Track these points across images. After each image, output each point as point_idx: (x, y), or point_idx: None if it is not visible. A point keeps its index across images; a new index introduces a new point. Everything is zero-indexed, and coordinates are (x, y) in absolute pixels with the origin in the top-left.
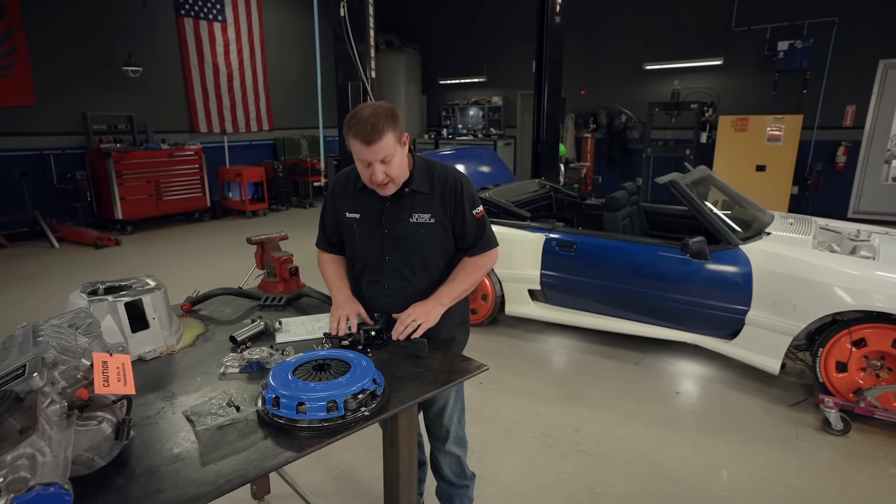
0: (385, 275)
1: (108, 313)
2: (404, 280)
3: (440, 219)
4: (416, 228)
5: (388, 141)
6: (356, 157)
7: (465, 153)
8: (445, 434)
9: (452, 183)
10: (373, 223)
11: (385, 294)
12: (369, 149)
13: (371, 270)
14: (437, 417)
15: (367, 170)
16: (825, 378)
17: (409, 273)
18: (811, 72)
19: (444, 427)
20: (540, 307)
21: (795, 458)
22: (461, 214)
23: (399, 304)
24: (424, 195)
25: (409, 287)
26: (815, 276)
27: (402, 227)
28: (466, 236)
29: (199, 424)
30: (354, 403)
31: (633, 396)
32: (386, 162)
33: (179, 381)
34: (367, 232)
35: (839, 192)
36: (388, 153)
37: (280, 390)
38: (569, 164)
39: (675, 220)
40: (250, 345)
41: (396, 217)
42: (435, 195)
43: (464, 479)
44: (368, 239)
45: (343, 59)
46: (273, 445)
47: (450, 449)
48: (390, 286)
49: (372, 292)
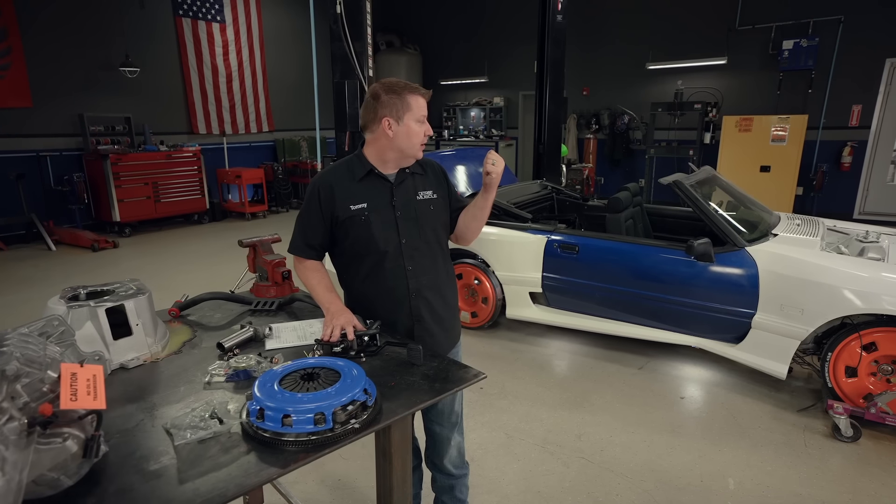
0: (406, 257)
1: (88, 320)
2: (424, 258)
3: (441, 195)
4: (425, 204)
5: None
6: (417, 115)
7: (465, 154)
8: (450, 429)
9: (437, 166)
10: (384, 206)
11: (411, 276)
12: (426, 103)
13: (391, 256)
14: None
15: (423, 126)
16: (834, 383)
17: (427, 249)
18: (816, 71)
19: (450, 422)
20: (541, 310)
21: (804, 465)
22: (451, 187)
23: (425, 284)
24: (421, 175)
25: (430, 263)
26: (823, 278)
27: (414, 205)
28: (459, 200)
29: (178, 438)
30: (344, 415)
31: (637, 402)
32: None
33: (162, 391)
34: (380, 217)
35: (845, 193)
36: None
37: (265, 401)
38: (571, 166)
39: (679, 221)
40: (238, 352)
41: (404, 197)
42: (428, 175)
43: (462, 468)
44: (383, 224)
45: (340, 57)
46: (256, 461)
47: (454, 440)
48: (414, 268)
49: (395, 276)
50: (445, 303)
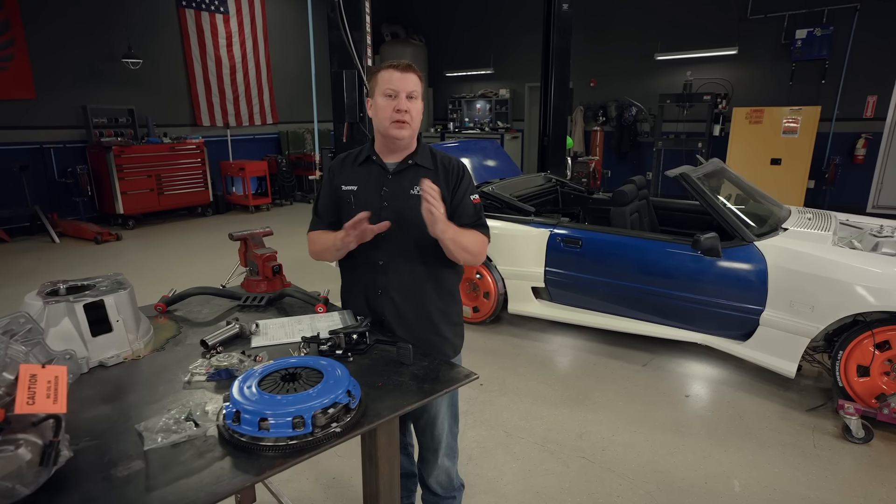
0: (381, 250)
1: (65, 316)
2: (401, 258)
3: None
4: (415, 201)
5: (416, 79)
6: (383, 89)
7: (468, 146)
8: (437, 445)
9: (456, 165)
10: (372, 195)
11: (380, 272)
12: (402, 75)
13: (367, 247)
14: (428, 427)
15: (392, 101)
16: (845, 382)
17: (405, 250)
18: (830, 61)
19: (435, 438)
20: (544, 305)
21: (813, 467)
22: (460, 196)
23: (394, 285)
24: (427, 170)
25: (407, 268)
26: (835, 274)
27: (402, 200)
28: (463, 216)
29: (149, 442)
30: (324, 419)
31: (640, 400)
32: (412, 98)
33: (140, 391)
34: (366, 204)
35: (858, 187)
36: (415, 89)
37: (241, 404)
38: (577, 158)
39: (686, 215)
40: (221, 349)
41: (397, 188)
42: (438, 172)
43: (451, 490)
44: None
45: (337, 46)
46: (230, 467)
47: (441, 462)
48: (386, 263)
49: (366, 271)
50: (422, 312)
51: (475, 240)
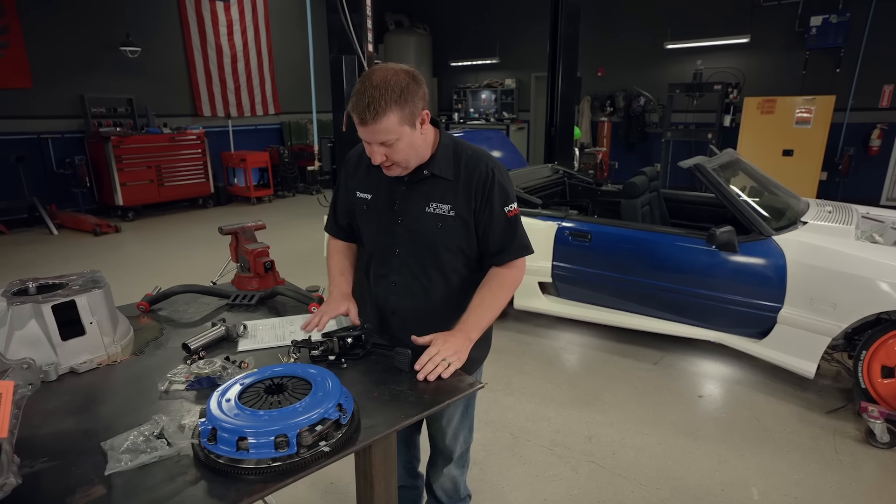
0: (393, 269)
1: (31, 318)
2: (415, 279)
3: (462, 213)
4: (431, 220)
5: (388, 123)
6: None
7: (473, 137)
8: (449, 453)
9: (483, 172)
10: (385, 207)
11: (393, 292)
12: (364, 128)
13: (378, 262)
14: (440, 433)
15: (368, 147)
16: (868, 384)
17: (421, 272)
18: (846, 49)
19: (447, 446)
20: (551, 301)
21: (835, 474)
22: (488, 212)
23: (407, 306)
24: (447, 182)
25: (419, 289)
26: (858, 270)
27: (416, 217)
28: (491, 240)
29: (113, 465)
30: (311, 437)
31: (652, 400)
32: (387, 145)
33: (111, 401)
34: (378, 217)
35: (872, 178)
36: (388, 137)
37: (218, 420)
38: (584, 149)
39: (698, 207)
40: (204, 354)
41: (411, 203)
42: (459, 184)
43: (456, 500)
44: (378, 225)
45: (336, 30)
46: (203, 494)
47: (448, 470)
48: (399, 283)
49: (379, 287)
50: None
51: (499, 290)
